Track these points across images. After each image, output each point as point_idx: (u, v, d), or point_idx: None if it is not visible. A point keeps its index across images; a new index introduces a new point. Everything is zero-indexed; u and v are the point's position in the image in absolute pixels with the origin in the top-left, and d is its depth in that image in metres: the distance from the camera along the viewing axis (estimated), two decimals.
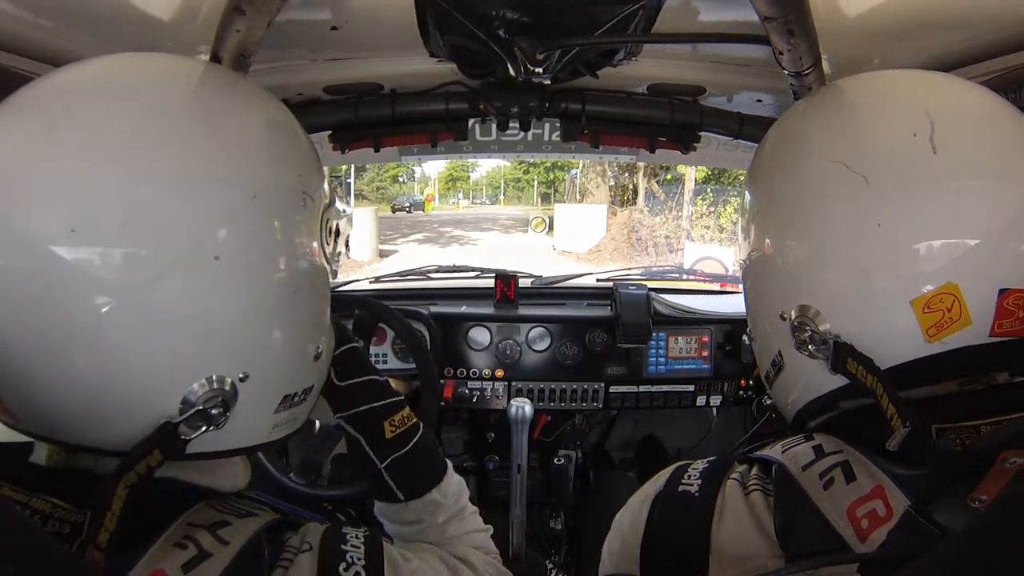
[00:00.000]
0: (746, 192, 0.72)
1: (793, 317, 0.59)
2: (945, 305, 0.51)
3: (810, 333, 0.57)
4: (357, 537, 0.57)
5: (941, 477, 0.48)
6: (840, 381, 0.57)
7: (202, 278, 0.48)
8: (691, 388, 1.67)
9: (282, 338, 0.55)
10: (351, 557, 0.54)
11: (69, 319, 0.45)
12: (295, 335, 0.57)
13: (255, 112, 0.57)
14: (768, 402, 0.74)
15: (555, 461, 1.57)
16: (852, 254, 0.55)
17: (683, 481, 0.64)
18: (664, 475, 0.67)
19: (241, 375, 0.51)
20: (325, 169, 0.63)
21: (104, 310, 0.45)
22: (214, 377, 0.49)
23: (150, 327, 0.47)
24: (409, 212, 21.42)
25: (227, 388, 0.50)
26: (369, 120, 1.22)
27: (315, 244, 0.58)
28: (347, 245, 0.74)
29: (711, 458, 0.67)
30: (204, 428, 0.49)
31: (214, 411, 0.49)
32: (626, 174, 14.10)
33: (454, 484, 0.75)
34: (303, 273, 0.56)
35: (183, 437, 0.48)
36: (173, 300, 0.47)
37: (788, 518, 0.53)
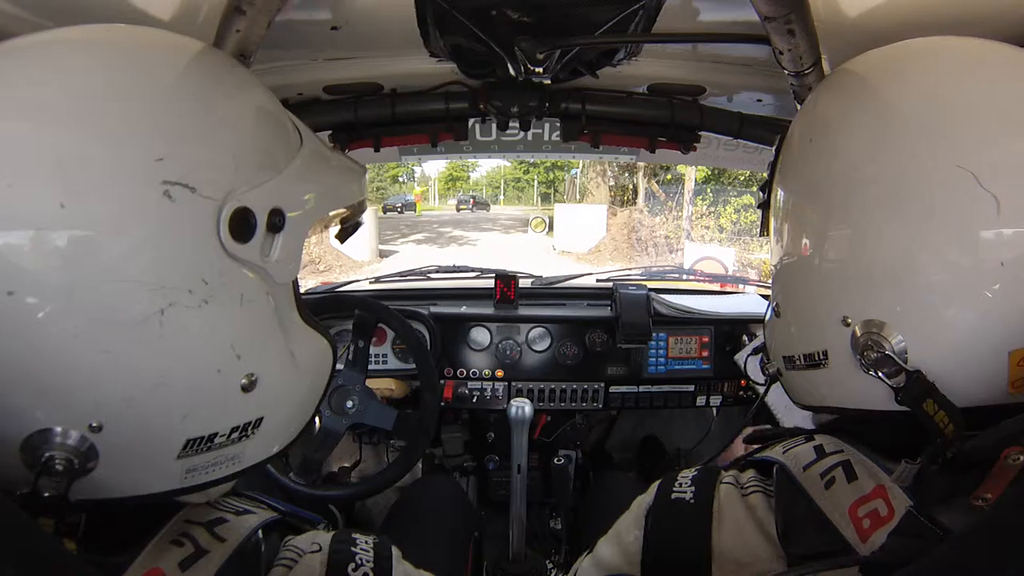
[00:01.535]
0: (796, 173, 0.63)
1: (860, 330, 0.52)
2: None
3: (880, 355, 0.50)
4: (367, 542, 0.57)
5: (944, 476, 0.47)
6: (890, 406, 0.51)
7: (18, 316, 0.38)
8: (691, 388, 1.67)
9: (158, 375, 0.43)
10: (360, 559, 0.54)
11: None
12: (186, 367, 0.45)
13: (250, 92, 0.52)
14: (772, 371, 0.68)
15: (555, 461, 1.57)
16: (959, 286, 0.48)
17: (675, 490, 0.62)
18: (652, 488, 0.66)
19: (94, 424, 0.42)
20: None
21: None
22: (51, 431, 0.41)
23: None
24: (400, 212, 21.26)
25: (71, 442, 0.41)
26: (369, 120, 1.22)
27: (209, 247, 0.44)
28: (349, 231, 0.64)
29: (698, 467, 0.66)
30: (64, 483, 0.41)
31: (59, 466, 0.41)
32: (626, 174, 14.09)
33: None
34: (193, 288, 0.43)
35: (50, 494, 0.41)
36: None
37: (789, 519, 0.53)
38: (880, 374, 0.51)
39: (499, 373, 1.64)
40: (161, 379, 0.44)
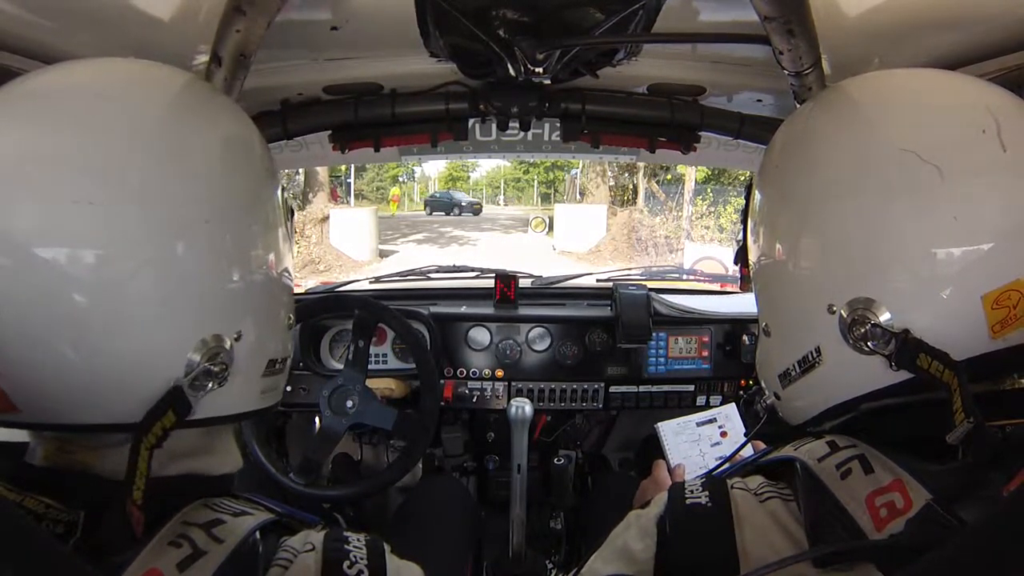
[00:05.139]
0: (766, 187, 0.69)
1: (846, 311, 0.56)
2: (1012, 302, 0.51)
3: (869, 327, 0.54)
4: (359, 540, 0.57)
5: (979, 469, 0.46)
6: (894, 378, 0.54)
7: (192, 247, 0.51)
8: (691, 388, 1.67)
9: (264, 302, 0.60)
10: (354, 556, 0.54)
11: (56, 312, 0.46)
12: (273, 300, 0.62)
13: (222, 123, 0.61)
14: (767, 403, 0.71)
15: (555, 461, 1.57)
16: (923, 247, 0.53)
17: (688, 496, 0.60)
18: (659, 499, 0.64)
19: (235, 335, 0.55)
20: (325, 170, 0.68)
21: (86, 304, 0.46)
22: (212, 336, 0.52)
23: (139, 312, 0.48)
24: (459, 214, 20.16)
25: (226, 346, 0.54)
26: (369, 120, 1.22)
27: (281, 218, 0.64)
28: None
29: (700, 476, 0.65)
30: (209, 386, 0.52)
31: (216, 368, 0.52)
32: (626, 174, 14.09)
33: None
34: (275, 242, 0.62)
35: (190, 398, 0.51)
36: (160, 280, 0.49)
37: (815, 518, 0.52)
38: (873, 346, 0.54)
39: (499, 373, 1.64)
40: (269, 303, 0.61)
